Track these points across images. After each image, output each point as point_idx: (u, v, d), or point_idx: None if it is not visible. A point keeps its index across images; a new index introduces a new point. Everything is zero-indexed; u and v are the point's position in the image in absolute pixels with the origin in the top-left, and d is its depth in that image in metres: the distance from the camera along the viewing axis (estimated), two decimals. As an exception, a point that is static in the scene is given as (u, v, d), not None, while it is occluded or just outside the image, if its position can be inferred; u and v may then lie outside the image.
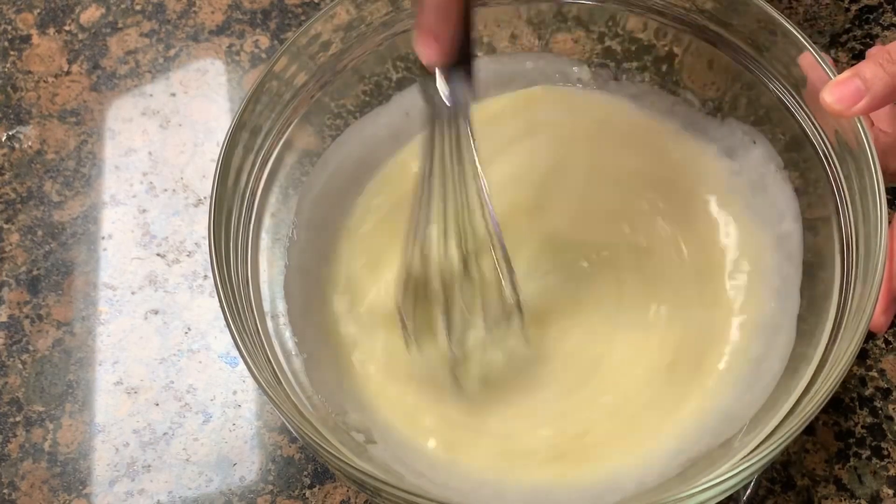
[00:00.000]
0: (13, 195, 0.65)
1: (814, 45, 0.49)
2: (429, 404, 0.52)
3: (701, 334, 0.53)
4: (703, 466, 0.47)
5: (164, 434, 0.58)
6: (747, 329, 0.52)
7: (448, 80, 0.45)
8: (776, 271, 0.53)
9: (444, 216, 0.49)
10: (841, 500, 0.54)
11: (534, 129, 0.58)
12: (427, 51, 0.44)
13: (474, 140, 0.47)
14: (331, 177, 0.56)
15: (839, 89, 0.46)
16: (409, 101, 0.57)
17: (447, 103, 0.45)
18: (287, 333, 0.51)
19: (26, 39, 0.70)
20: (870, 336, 0.58)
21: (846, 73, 0.46)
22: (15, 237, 0.63)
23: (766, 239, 0.54)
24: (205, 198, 0.64)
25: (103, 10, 0.70)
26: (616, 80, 0.58)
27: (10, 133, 0.67)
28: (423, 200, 0.48)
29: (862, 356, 0.58)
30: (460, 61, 0.45)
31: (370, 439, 0.50)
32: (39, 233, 0.63)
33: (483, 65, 0.57)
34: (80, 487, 0.57)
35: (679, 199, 0.56)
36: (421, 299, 0.51)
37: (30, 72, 0.69)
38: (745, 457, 0.43)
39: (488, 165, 0.50)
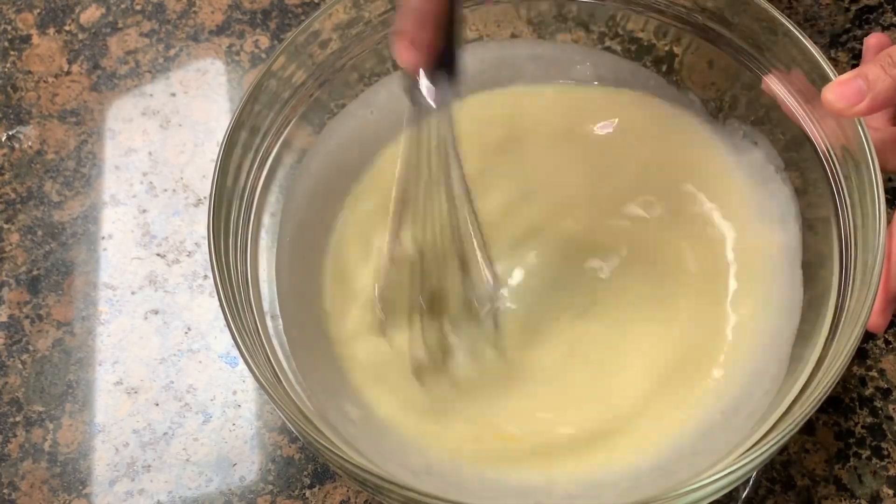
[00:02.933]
0: (13, 195, 0.65)
1: (814, 45, 0.49)
2: (427, 402, 0.52)
3: (699, 333, 0.53)
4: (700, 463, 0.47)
5: (164, 434, 0.58)
6: (746, 328, 0.52)
7: (430, 80, 0.44)
8: (775, 271, 0.53)
9: (423, 215, 0.48)
10: (841, 500, 0.54)
11: (525, 130, 0.58)
12: (404, 56, 0.43)
13: (455, 143, 0.46)
14: (316, 176, 0.56)
15: (841, 89, 0.46)
16: (372, 97, 0.57)
17: (429, 105, 0.45)
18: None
19: (26, 39, 0.70)
20: (870, 336, 0.58)
21: (849, 74, 0.46)
22: (15, 237, 0.63)
23: (765, 239, 0.54)
24: (205, 198, 0.64)
25: (103, 10, 0.70)
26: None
27: (10, 133, 0.67)
28: (405, 198, 0.48)
29: (862, 356, 0.58)
30: (443, 64, 0.44)
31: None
32: (39, 233, 0.63)
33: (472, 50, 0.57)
34: (80, 487, 0.57)
35: (679, 199, 0.56)
36: (400, 294, 0.50)
37: (30, 72, 0.69)
38: (742, 454, 0.43)
39: (479, 168, 0.50)
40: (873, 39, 0.58)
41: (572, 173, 0.57)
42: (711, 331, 0.53)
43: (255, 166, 0.51)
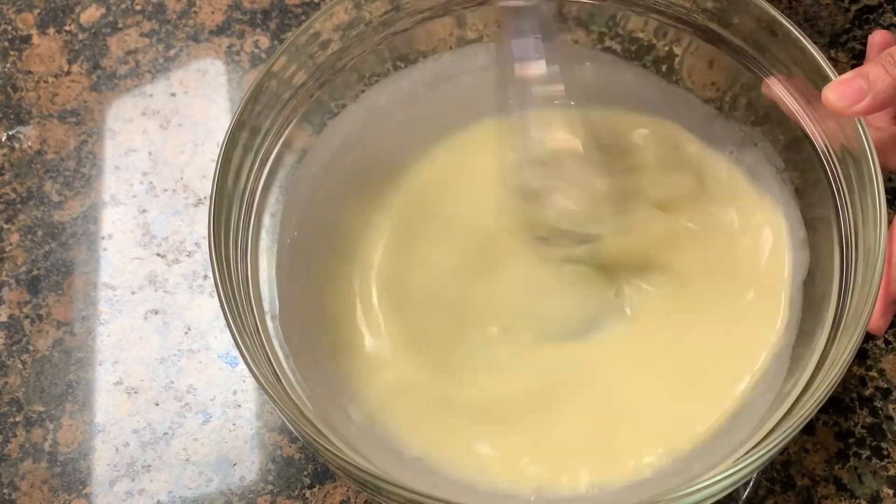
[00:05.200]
0: (13, 195, 0.65)
1: (814, 45, 0.49)
2: (431, 404, 0.52)
3: (698, 334, 0.53)
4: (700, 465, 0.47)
5: (164, 434, 0.58)
6: (746, 329, 0.52)
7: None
8: (775, 272, 0.53)
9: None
10: (841, 500, 0.54)
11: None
12: None
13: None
14: (316, 176, 0.56)
15: (842, 88, 0.46)
16: (373, 98, 0.57)
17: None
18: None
19: (26, 39, 0.70)
20: (870, 336, 0.58)
21: (850, 73, 0.46)
22: (15, 237, 0.63)
23: (765, 239, 0.54)
24: (205, 198, 0.64)
25: (103, 10, 0.70)
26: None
27: (10, 133, 0.67)
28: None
29: (862, 356, 0.58)
30: None
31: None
32: (39, 233, 0.63)
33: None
34: (80, 487, 0.57)
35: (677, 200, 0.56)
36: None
37: (30, 72, 0.69)
38: (743, 455, 0.43)
39: None
40: (878, 37, 0.58)
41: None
42: (711, 332, 0.53)
43: (256, 167, 0.51)
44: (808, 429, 0.56)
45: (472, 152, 0.58)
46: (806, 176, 0.52)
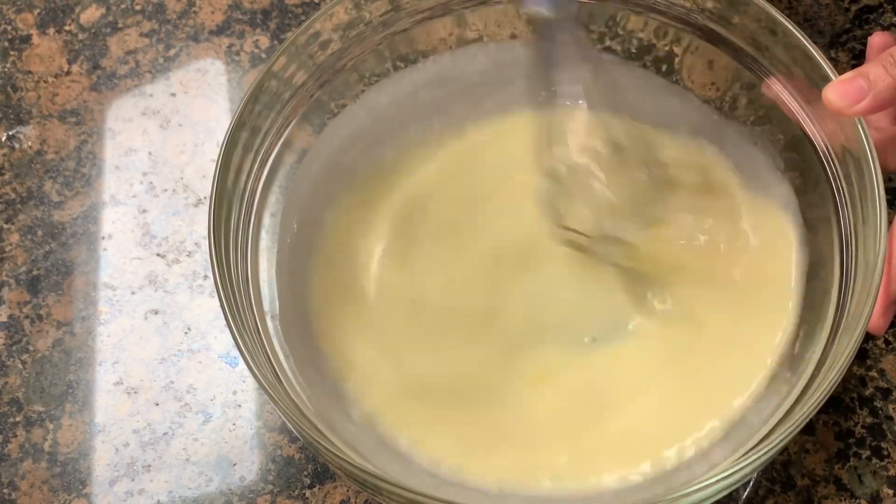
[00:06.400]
0: (13, 195, 0.65)
1: (814, 45, 0.49)
2: (432, 407, 0.52)
3: (698, 335, 0.53)
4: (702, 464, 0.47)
5: (164, 434, 0.58)
6: (746, 329, 0.52)
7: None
8: (775, 272, 0.53)
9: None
10: (841, 500, 0.54)
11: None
12: None
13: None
14: (316, 176, 0.56)
15: (842, 87, 0.46)
16: (373, 98, 0.57)
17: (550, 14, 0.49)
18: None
19: (26, 39, 0.70)
20: (870, 336, 0.58)
21: (850, 73, 0.46)
22: (15, 237, 0.63)
23: (765, 239, 0.54)
24: (205, 198, 0.64)
25: (103, 10, 0.70)
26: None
27: (10, 133, 0.67)
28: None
29: (862, 356, 0.58)
30: None
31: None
32: (39, 233, 0.63)
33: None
34: (80, 487, 0.57)
35: (677, 200, 0.56)
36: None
37: (30, 72, 0.69)
38: (743, 455, 0.43)
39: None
40: (877, 38, 0.58)
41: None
42: (711, 332, 0.53)
43: (256, 166, 0.51)
44: (808, 429, 0.56)
45: (475, 153, 0.58)
46: (806, 176, 0.52)
